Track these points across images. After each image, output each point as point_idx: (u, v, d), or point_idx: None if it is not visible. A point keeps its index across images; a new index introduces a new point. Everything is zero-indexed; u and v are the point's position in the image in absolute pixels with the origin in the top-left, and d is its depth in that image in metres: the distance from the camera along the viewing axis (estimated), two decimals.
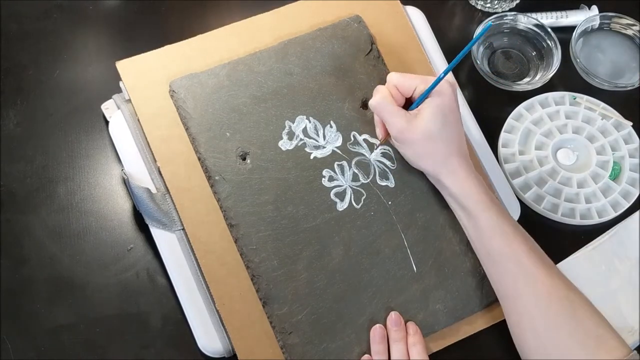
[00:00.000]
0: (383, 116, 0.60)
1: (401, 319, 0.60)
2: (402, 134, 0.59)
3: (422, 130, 0.58)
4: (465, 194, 0.58)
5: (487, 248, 0.57)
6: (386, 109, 0.59)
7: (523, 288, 0.55)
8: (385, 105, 0.59)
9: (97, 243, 0.65)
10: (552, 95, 0.75)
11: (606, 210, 0.70)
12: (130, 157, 0.64)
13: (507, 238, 0.56)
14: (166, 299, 0.63)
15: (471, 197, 0.57)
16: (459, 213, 0.60)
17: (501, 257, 0.56)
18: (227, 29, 0.68)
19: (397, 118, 0.58)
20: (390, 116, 0.59)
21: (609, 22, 0.79)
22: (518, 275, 0.55)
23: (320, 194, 0.62)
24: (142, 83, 0.64)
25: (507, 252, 0.56)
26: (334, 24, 0.68)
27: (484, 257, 0.58)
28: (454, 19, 0.81)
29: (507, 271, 0.56)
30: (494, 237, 0.57)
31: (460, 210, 0.59)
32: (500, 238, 0.56)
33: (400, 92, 0.60)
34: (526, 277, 0.55)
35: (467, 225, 0.59)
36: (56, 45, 0.74)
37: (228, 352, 0.60)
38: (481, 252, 0.59)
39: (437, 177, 0.60)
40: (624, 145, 0.72)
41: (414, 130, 0.58)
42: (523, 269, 0.55)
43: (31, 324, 0.62)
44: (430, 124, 0.57)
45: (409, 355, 0.58)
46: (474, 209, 0.57)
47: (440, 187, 0.61)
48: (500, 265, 0.57)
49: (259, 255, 0.60)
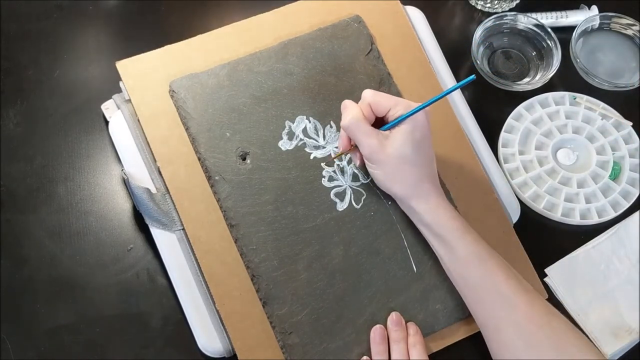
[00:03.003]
0: (355, 136, 0.57)
1: (402, 320, 0.60)
2: (375, 155, 0.57)
3: (394, 152, 0.56)
4: (439, 221, 0.57)
5: (464, 277, 0.56)
6: (359, 128, 0.57)
7: (503, 316, 0.54)
8: (358, 124, 0.57)
9: (97, 243, 0.65)
10: (552, 95, 0.75)
11: (606, 210, 0.70)
12: (130, 157, 0.64)
13: (485, 266, 0.55)
14: (166, 299, 0.63)
15: (445, 225, 0.56)
16: (432, 241, 0.58)
17: (479, 285, 0.55)
18: (227, 29, 0.68)
19: (370, 138, 0.56)
20: (364, 136, 0.57)
21: (609, 22, 0.79)
22: (497, 303, 0.55)
23: (320, 194, 0.62)
24: (142, 83, 0.64)
25: (484, 281, 0.55)
26: (334, 24, 0.68)
27: (461, 285, 0.57)
28: (454, 19, 0.81)
29: (486, 299, 0.55)
30: (470, 266, 0.56)
31: (433, 239, 0.58)
32: (477, 266, 0.55)
33: (372, 110, 0.58)
34: (506, 305, 0.54)
35: (442, 254, 0.58)
36: (56, 45, 0.74)
37: (228, 352, 0.60)
38: (458, 280, 0.57)
39: (407, 203, 0.58)
40: (624, 145, 0.72)
41: (386, 151, 0.56)
42: (502, 297, 0.54)
43: (31, 324, 0.62)
44: (403, 147, 0.56)
45: (409, 356, 0.58)
46: (448, 236, 0.56)
47: (412, 213, 0.59)
48: (479, 293, 0.56)
49: (259, 255, 0.60)
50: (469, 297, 0.57)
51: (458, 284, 0.58)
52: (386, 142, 0.57)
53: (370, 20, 0.69)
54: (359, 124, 0.57)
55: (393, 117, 0.58)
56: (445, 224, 0.57)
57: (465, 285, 0.57)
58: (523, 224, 0.67)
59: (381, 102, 0.58)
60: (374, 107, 0.58)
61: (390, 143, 0.57)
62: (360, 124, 0.57)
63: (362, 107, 0.58)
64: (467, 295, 0.57)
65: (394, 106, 0.57)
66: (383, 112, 0.58)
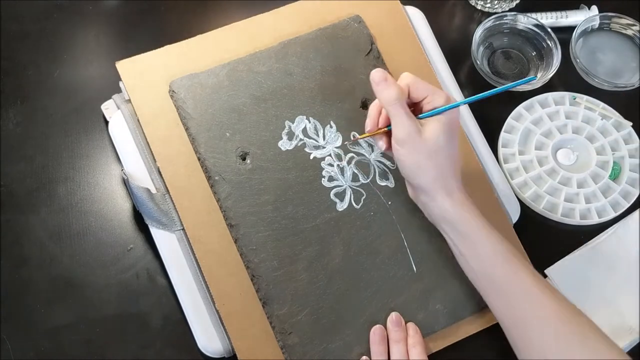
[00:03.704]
0: (398, 113, 0.54)
1: (402, 320, 0.60)
2: (411, 138, 0.54)
3: (429, 140, 0.54)
4: (464, 219, 0.55)
5: (488, 274, 0.55)
6: (404, 107, 0.54)
7: (530, 313, 0.53)
8: (403, 102, 0.54)
9: (97, 243, 0.65)
10: (552, 95, 0.75)
11: (606, 211, 0.70)
12: (130, 157, 0.64)
13: (511, 265, 0.54)
14: (166, 299, 0.63)
15: (469, 222, 0.55)
16: (455, 239, 0.56)
17: (505, 284, 0.55)
18: (227, 29, 0.68)
19: (410, 119, 0.54)
20: (405, 117, 0.54)
21: (609, 22, 0.79)
22: (524, 300, 0.54)
23: (320, 194, 0.62)
24: (142, 83, 0.64)
25: (511, 279, 0.54)
26: (334, 24, 0.68)
27: (485, 283, 0.56)
28: (454, 19, 0.81)
29: (511, 297, 0.54)
30: (496, 264, 0.55)
31: (456, 236, 0.56)
32: (502, 264, 0.54)
33: (410, 94, 0.56)
34: (533, 302, 0.53)
35: (464, 252, 0.56)
36: (56, 45, 0.74)
37: (228, 352, 0.60)
38: (481, 278, 0.56)
39: (433, 195, 0.56)
40: (624, 146, 0.72)
41: (423, 138, 0.54)
42: (529, 294, 0.53)
43: (31, 324, 0.62)
44: (439, 136, 0.54)
45: (409, 356, 0.58)
46: (473, 234, 0.55)
47: (433, 207, 0.57)
48: (505, 293, 0.55)
49: (258, 255, 0.60)
50: (492, 295, 0.56)
51: (480, 281, 0.57)
52: (422, 129, 0.54)
53: (370, 20, 0.69)
54: (403, 101, 0.54)
55: (428, 105, 0.55)
56: (470, 221, 0.55)
57: (489, 283, 0.56)
58: (523, 224, 0.67)
59: (420, 87, 0.55)
60: (412, 91, 0.56)
61: (427, 130, 0.54)
62: (404, 103, 0.54)
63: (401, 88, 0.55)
64: (489, 294, 0.56)
65: (432, 94, 0.55)
66: (419, 98, 0.56)
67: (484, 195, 0.66)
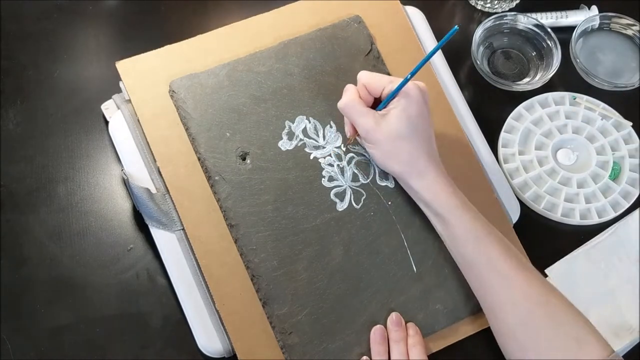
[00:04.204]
0: (351, 116, 0.59)
1: (402, 320, 0.60)
2: (370, 134, 0.58)
3: (388, 130, 0.57)
4: (436, 198, 0.57)
5: (462, 254, 0.57)
6: (354, 108, 0.58)
7: (501, 295, 0.54)
8: (353, 105, 0.58)
9: (97, 243, 0.65)
10: (552, 95, 0.75)
11: (606, 211, 0.70)
12: (130, 157, 0.64)
13: (481, 243, 0.55)
14: (166, 299, 0.63)
15: (442, 202, 0.56)
16: (433, 219, 0.59)
17: (476, 263, 0.56)
18: (227, 29, 0.68)
19: (364, 118, 0.58)
20: (359, 116, 0.58)
21: (609, 22, 0.79)
22: (494, 281, 0.55)
23: (320, 194, 0.62)
24: (142, 83, 0.64)
25: (481, 259, 0.55)
26: (334, 24, 0.68)
27: (460, 263, 0.58)
28: (454, 19, 0.81)
29: (483, 278, 0.55)
30: (467, 243, 0.56)
31: (433, 217, 0.58)
32: (473, 244, 0.55)
33: (368, 91, 0.59)
34: (503, 283, 0.54)
35: (442, 232, 0.58)
36: (56, 45, 0.74)
37: (228, 352, 0.60)
38: (457, 258, 0.58)
39: (405, 180, 0.58)
40: (624, 146, 0.73)
41: (381, 130, 0.57)
42: (499, 275, 0.54)
43: (31, 324, 0.62)
44: (397, 124, 0.57)
45: (409, 356, 0.58)
46: (445, 214, 0.56)
47: (411, 192, 0.59)
48: (476, 271, 0.56)
49: (258, 255, 0.60)
50: (468, 275, 0.58)
51: (458, 262, 0.58)
52: (381, 121, 0.57)
53: (370, 20, 0.69)
54: (353, 104, 0.58)
55: (387, 95, 0.58)
56: (442, 201, 0.57)
57: (464, 263, 0.57)
58: (523, 224, 0.67)
59: (374, 82, 0.59)
60: (369, 88, 0.59)
61: (385, 121, 0.57)
62: (355, 104, 0.58)
63: (359, 89, 0.59)
64: (466, 274, 0.58)
65: (387, 84, 0.58)
66: (378, 92, 0.59)
67: (484, 195, 0.66)
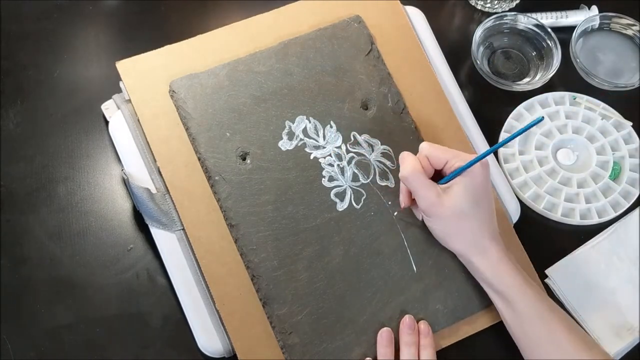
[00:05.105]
0: (414, 187, 0.57)
1: (415, 323, 0.59)
2: (433, 209, 0.56)
3: (452, 207, 0.56)
4: (500, 278, 0.56)
5: (525, 332, 0.56)
6: (419, 179, 0.56)
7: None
8: (418, 176, 0.56)
9: (97, 243, 0.65)
10: (552, 95, 0.75)
11: (606, 211, 0.70)
12: (130, 157, 0.64)
13: (547, 323, 0.55)
14: (166, 299, 0.63)
15: (506, 282, 0.56)
16: (493, 297, 0.58)
17: (541, 342, 0.55)
18: (227, 29, 0.68)
19: (428, 191, 0.56)
20: (422, 188, 0.56)
21: (609, 22, 0.79)
22: None
23: (320, 194, 0.62)
24: (142, 83, 0.64)
25: (546, 338, 0.55)
26: (334, 24, 0.68)
27: (522, 340, 0.57)
28: (454, 19, 0.81)
29: (546, 356, 0.55)
30: (533, 323, 0.55)
31: (494, 294, 0.58)
32: (538, 323, 0.55)
33: (431, 163, 0.58)
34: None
35: (503, 310, 0.57)
36: (56, 45, 0.74)
37: (228, 352, 0.60)
38: (518, 335, 0.57)
39: (468, 259, 0.58)
40: (624, 145, 0.72)
41: (443, 205, 0.56)
42: (565, 354, 0.54)
43: (31, 324, 0.62)
44: (461, 201, 0.55)
45: (419, 357, 0.58)
46: (509, 293, 0.56)
47: (472, 269, 0.59)
48: (540, 349, 0.55)
49: (259, 255, 0.60)
50: (527, 350, 0.57)
51: (517, 337, 0.57)
52: (444, 196, 0.56)
53: (370, 20, 0.69)
54: (417, 174, 0.56)
55: (450, 169, 0.57)
56: (505, 280, 0.56)
57: (526, 340, 0.56)
58: (523, 224, 0.67)
59: (438, 155, 0.57)
60: (432, 160, 0.58)
61: (448, 197, 0.56)
62: (419, 175, 0.56)
63: (420, 159, 0.58)
64: (525, 349, 0.57)
65: (451, 158, 0.57)
66: (441, 165, 0.58)
67: None
